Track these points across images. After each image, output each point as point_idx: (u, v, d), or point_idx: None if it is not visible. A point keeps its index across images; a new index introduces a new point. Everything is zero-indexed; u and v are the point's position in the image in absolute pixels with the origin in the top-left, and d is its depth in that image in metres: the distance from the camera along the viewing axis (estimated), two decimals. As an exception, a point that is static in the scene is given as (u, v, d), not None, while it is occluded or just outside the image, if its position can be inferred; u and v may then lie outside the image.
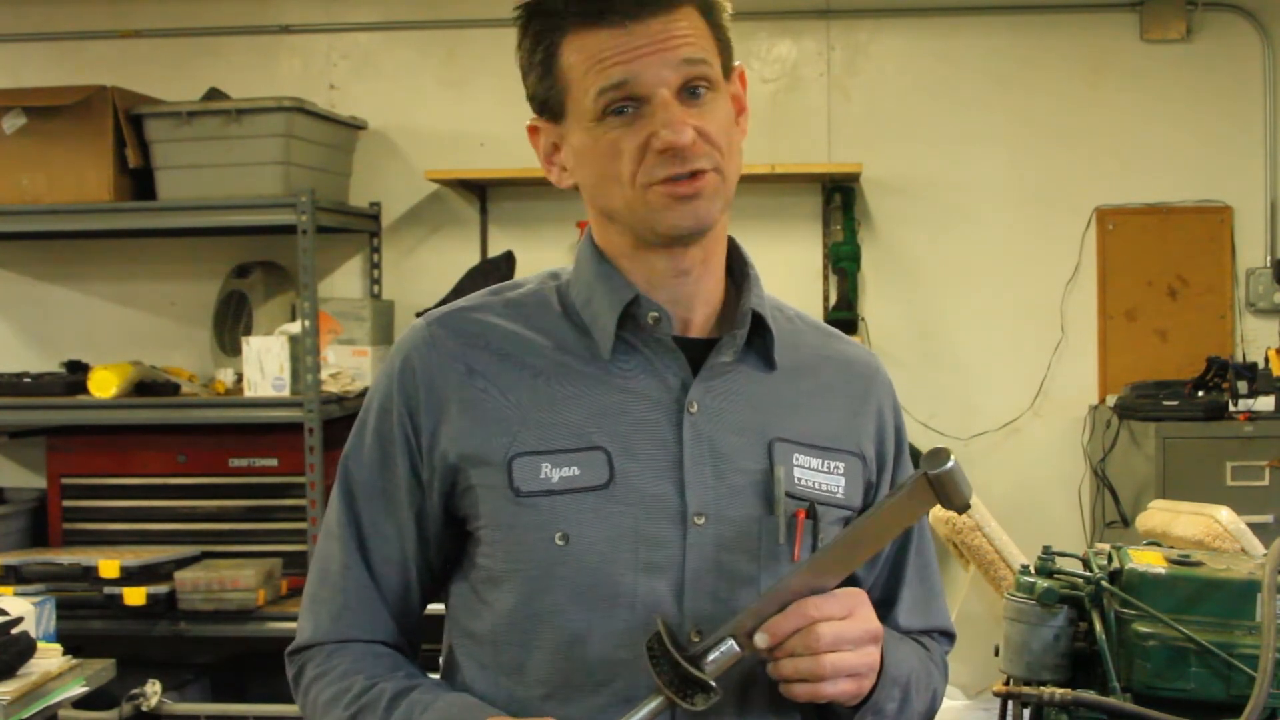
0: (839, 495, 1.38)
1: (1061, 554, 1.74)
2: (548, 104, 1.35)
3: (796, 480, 1.35)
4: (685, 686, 1.23)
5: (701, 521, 1.31)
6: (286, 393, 3.83)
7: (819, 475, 1.37)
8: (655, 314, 1.34)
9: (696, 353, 1.36)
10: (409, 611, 1.40)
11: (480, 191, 4.41)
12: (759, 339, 1.39)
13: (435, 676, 1.40)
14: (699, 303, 1.38)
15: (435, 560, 1.39)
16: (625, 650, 1.28)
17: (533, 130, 1.39)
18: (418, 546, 1.37)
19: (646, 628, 1.27)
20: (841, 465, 1.39)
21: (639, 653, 1.26)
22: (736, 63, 1.36)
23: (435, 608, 1.44)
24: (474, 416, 1.33)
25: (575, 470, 1.31)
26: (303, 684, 1.39)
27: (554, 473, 1.32)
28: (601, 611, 1.30)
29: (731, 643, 1.25)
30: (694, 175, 1.28)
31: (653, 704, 1.24)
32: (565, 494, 1.31)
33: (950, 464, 1.24)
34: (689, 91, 1.28)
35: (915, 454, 4.56)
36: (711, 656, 1.24)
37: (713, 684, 1.23)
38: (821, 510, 1.35)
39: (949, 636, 1.62)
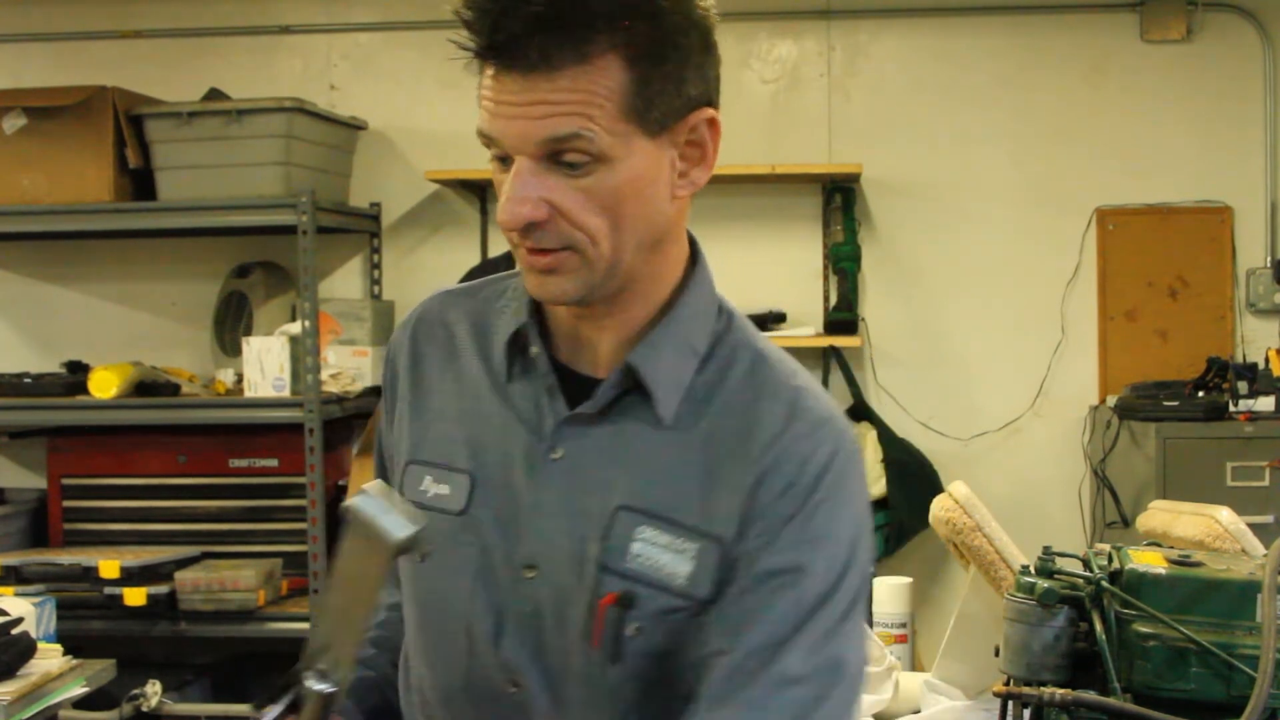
0: (679, 581, 1.19)
1: (1062, 554, 1.74)
2: None
3: (633, 555, 1.19)
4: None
5: (532, 575, 1.23)
6: (287, 393, 3.83)
7: (663, 555, 1.19)
8: (535, 348, 1.26)
9: (591, 392, 1.25)
10: None
11: (480, 191, 4.41)
12: (644, 393, 1.23)
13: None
14: (603, 343, 1.25)
15: None
16: (458, 679, 1.27)
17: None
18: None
19: (475, 660, 1.25)
20: (694, 548, 1.19)
21: (470, 684, 1.25)
22: (707, 109, 1.19)
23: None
24: (405, 411, 1.34)
25: (447, 490, 1.28)
26: None
27: (432, 487, 1.29)
28: (444, 636, 1.28)
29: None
30: (544, 250, 1.16)
31: None
32: (432, 511, 1.27)
33: (361, 498, 1.10)
34: (559, 161, 1.14)
35: (919, 458, 4.49)
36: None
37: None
38: (648, 595, 1.18)
39: None
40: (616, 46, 1.12)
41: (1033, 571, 1.66)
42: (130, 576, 3.77)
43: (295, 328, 3.88)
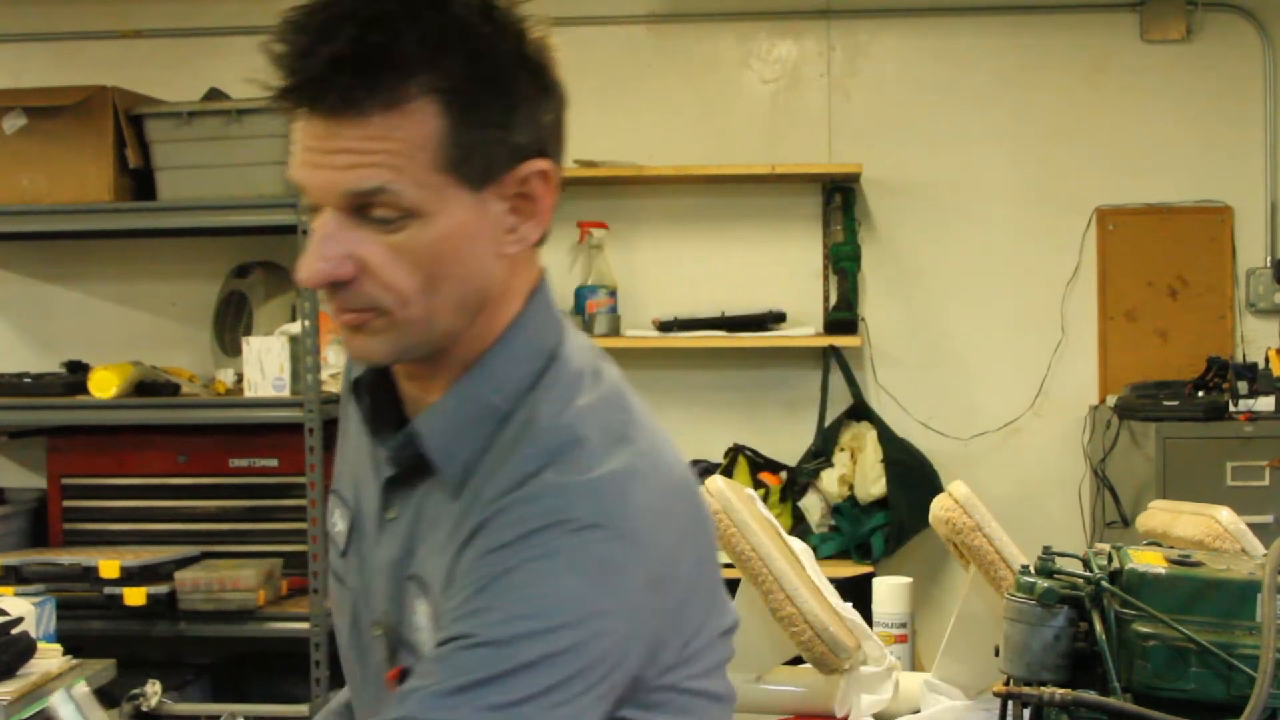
0: None
1: (1061, 554, 1.74)
2: None
3: (415, 629, 1.14)
4: None
5: (377, 634, 1.19)
6: (287, 393, 3.83)
7: (429, 630, 1.12)
8: (365, 402, 1.20)
9: None
10: None
11: (480, 191, 4.41)
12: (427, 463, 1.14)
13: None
14: (430, 398, 1.17)
15: None
16: (364, 712, 1.26)
17: None
18: None
19: (363, 708, 1.24)
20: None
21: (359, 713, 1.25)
22: (539, 161, 1.09)
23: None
24: (340, 433, 1.34)
25: (341, 527, 1.26)
26: None
27: (338, 521, 1.27)
28: (349, 669, 1.28)
29: None
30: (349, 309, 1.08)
31: None
32: (333, 544, 1.28)
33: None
34: (368, 216, 1.05)
35: (919, 458, 4.50)
36: None
37: None
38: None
39: None
40: (430, 91, 1.03)
41: (1033, 571, 1.66)
42: (130, 576, 3.77)
43: (295, 327, 3.88)
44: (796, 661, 2.01)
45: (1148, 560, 1.62)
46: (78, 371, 4.14)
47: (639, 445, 1.11)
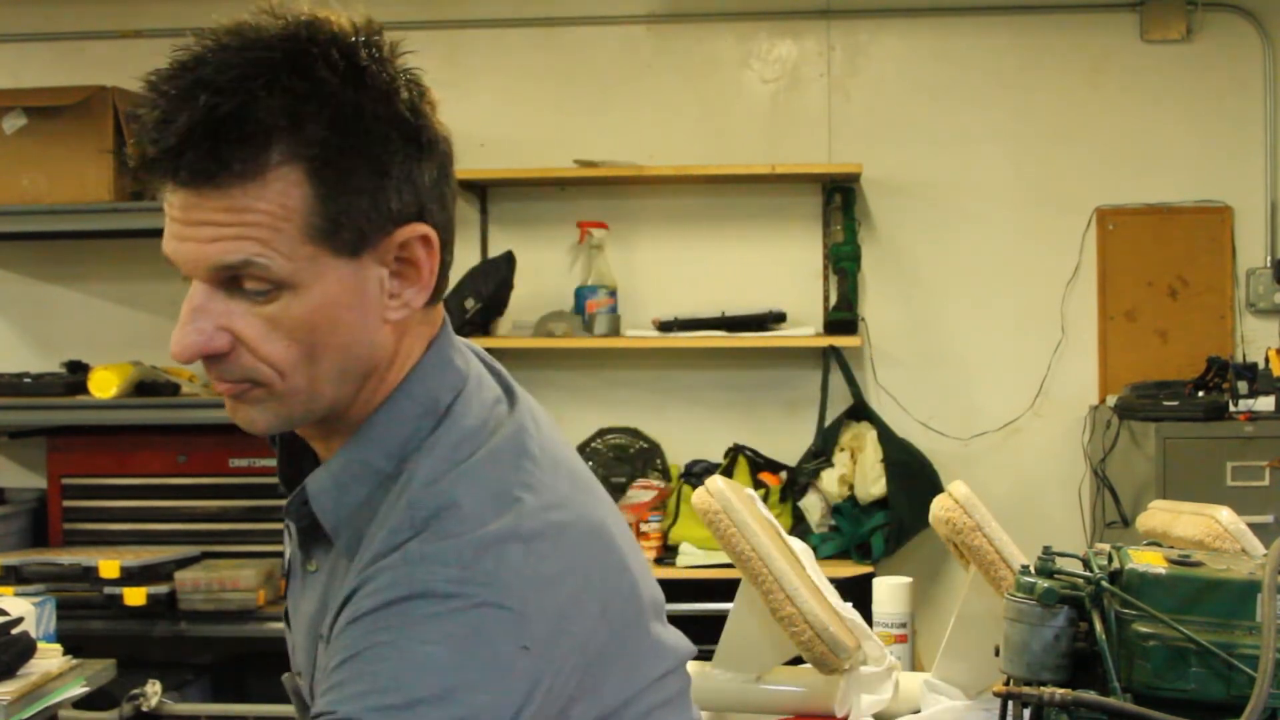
0: None
1: (1061, 554, 1.74)
2: None
3: (322, 689, 1.07)
4: None
5: (304, 681, 1.19)
6: (287, 393, 3.83)
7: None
8: (276, 453, 1.21)
9: None
10: None
11: (480, 191, 4.41)
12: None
13: None
14: (330, 454, 1.16)
15: None
16: None
17: None
18: None
19: None
20: None
21: None
22: (418, 225, 1.07)
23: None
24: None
25: (288, 553, 1.24)
26: None
27: (288, 545, 1.24)
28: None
29: None
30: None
31: None
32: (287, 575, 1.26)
33: None
34: (244, 290, 1.02)
35: (919, 458, 4.50)
36: None
37: None
38: None
39: None
40: (292, 159, 1.00)
41: (1033, 571, 1.66)
42: (130, 576, 3.77)
43: (295, 328, 3.88)
44: (797, 661, 2.01)
45: (1148, 560, 1.62)
46: (78, 371, 4.14)
47: (525, 504, 1.06)
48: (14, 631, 2.55)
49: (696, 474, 4.10)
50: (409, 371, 1.12)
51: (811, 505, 4.13)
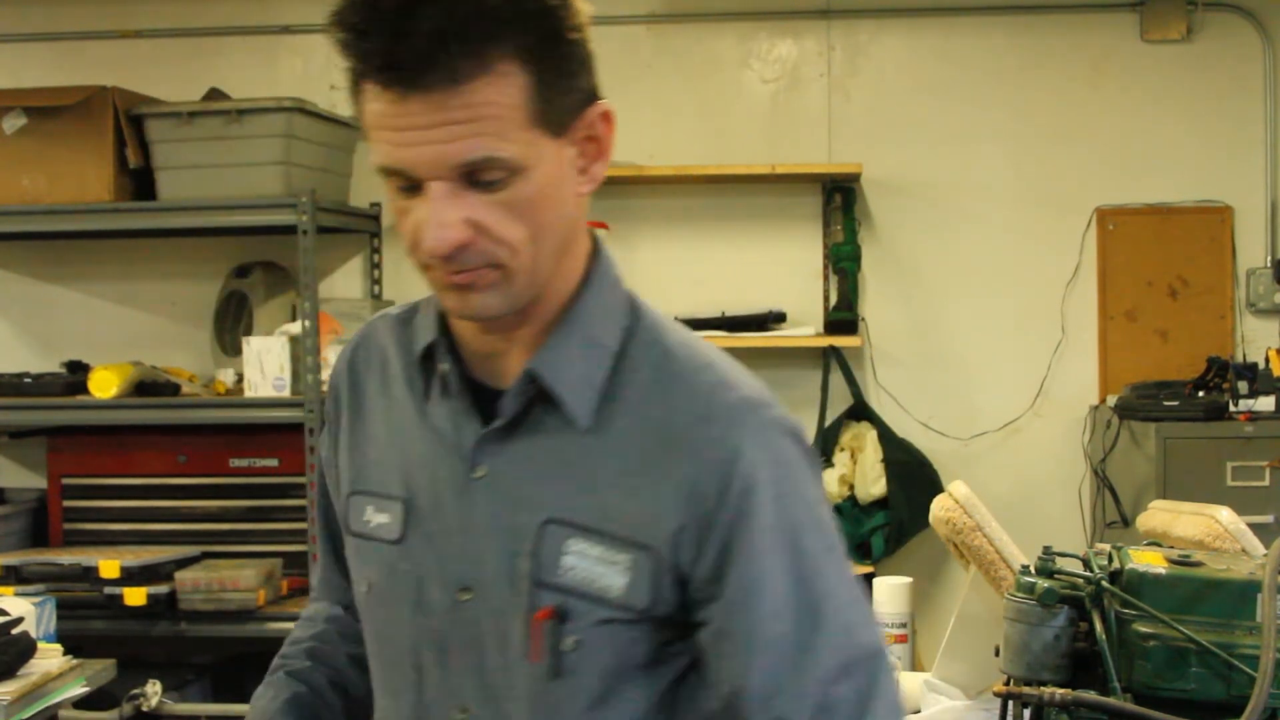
0: (614, 594, 1.15)
1: (1062, 554, 1.74)
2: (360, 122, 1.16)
3: (565, 569, 1.16)
4: None
5: (467, 598, 1.21)
6: (287, 393, 3.83)
7: (596, 566, 1.16)
8: (444, 365, 1.23)
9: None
10: None
11: (480, 191, 4.41)
12: (550, 400, 1.19)
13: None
14: (512, 354, 1.22)
15: None
16: (410, 710, 1.26)
17: None
18: None
19: (420, 692, 1.24)
20: (626, 558, 1.15)
21: (420, 715, 1.25)
22: (600, 103, 1.16)
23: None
24: (344, 439, 1.33)
25: (386, 518, 1.26)
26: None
27: (374, 517, 1.27)
28: (393, 666, 1.27)
29: None
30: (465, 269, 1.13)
31: None
32: (375, 541, 1.27)
33: None
34: (475, 181, 1.10)
35: (919, 458, 4.49)
36: None
37: None
38: (585, 608, 1.16)
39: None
40: (513, 51, 1.07)
41: (1033, 571, 1.66)
42: (130, 576, 3.77)
43: (295, 327, 3.88)
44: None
45: (1148, 560, 1.62)
46: (78, 371, 4.14)
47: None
48: (14, 631, 2.55)
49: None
50: (594, 254, 1.23)
51: (812, 505, 4.13)
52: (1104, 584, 1.61)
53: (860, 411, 4.27)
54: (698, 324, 4.16)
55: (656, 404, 1.17)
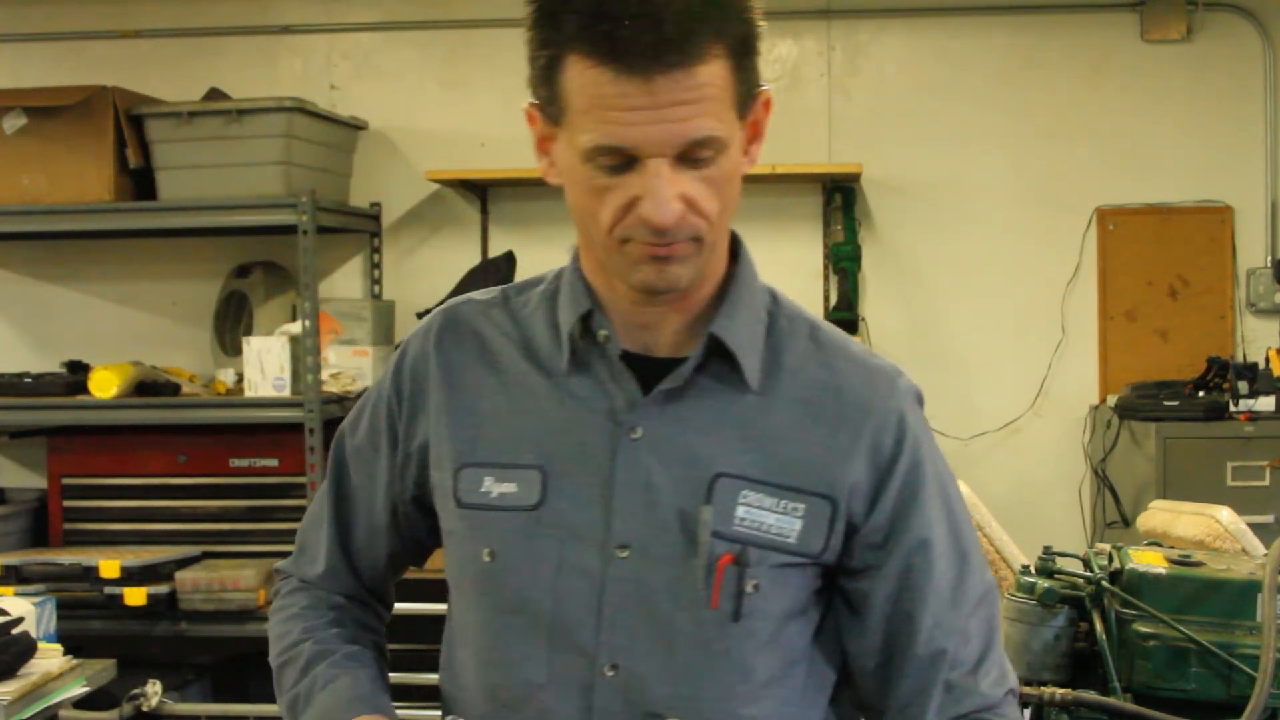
0: (789, 540, 1.24)
1: (1062, 554, 1.74)
2: (544, 104, 1.24)
3: (738, 520, 1.24)
4: None
5: (625, 554, 1.25)
6: (287, 393, 3.83)
7: (769, 516, 1.25)
8: (604, 332, 1.28)
9: (664, 373, 1.27)
10: (375, 577, 1.45)
11: (481, 191, 4.41)
12: (729, 361, 1.27)
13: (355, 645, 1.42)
14: (668, 324, 1.29)
15: (406, 543, 1.43)
16: (541, 674, 1.26)
17: (530, 114, 1.29)
18: (388, 529, 1.41)
19: (566, 654, 1.25)
20: (801, 507, 1.25)
21: (555, 678, 1.25)
22: (764, 86, 1.25)
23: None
24: (442, 416, 1.34)
25: (514, 487, 1.29)
26: (276, 601, 1.50)
27: (495, 487, 1.29)
28: (520, 632, 1.28)
29: None
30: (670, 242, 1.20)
31: None
32: (499, 510, 1.29)
33: None
34: (688, 158, 1.17)
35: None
36: None
37: None
38: (759, 554, 1.24)
39: (1016, 700, 1.33)
40: (722, 39, 1.16)
41: (1033, 571, 1.66)
42: (130, 576, 3.77)
43: (295, 327, 3.88)
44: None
45: (1148, 560, 1.62)
46: (78, 371, 4.14)
47: None
48: (14, 631, 2.55)
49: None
50: (738, 243, 1.35)
51: (812, 505, 4.13)
52: (1104, 584, 1.61)
53: (860, 411, 4.26)
54: (698, 324, 4.15)
55: (821, 369, 1.30)
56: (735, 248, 1.34)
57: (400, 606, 1.56)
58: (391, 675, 1.43)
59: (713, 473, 1.25)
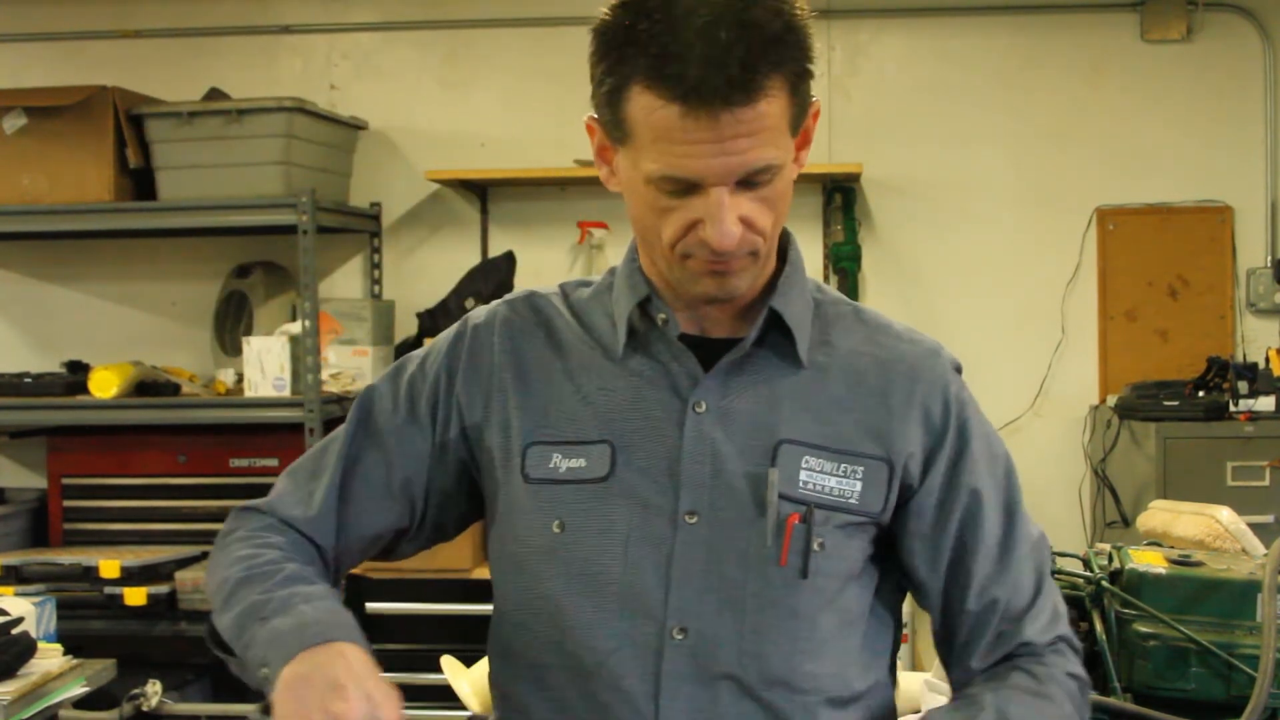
0: (852, 500, 1.34)
1: (1062, 554, 1.74)
2: (606, 124, 1.31)
3: (802, 483, 1.32)
4: None
5: (693, 520, 1.32)
6: (287, 393, 3.83)
7: (831, 479, 1.33)
8: (663, 315, 1.36)
9: (720, 352, 1.36)
10: (347, 549, 1.43)
11: (481, 191, 4.41)
12: (787, 338, 1.37)
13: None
14: (723, 308, 1.37)
15: (426, 520, 1.44)
16: (613, 640, 1.31)
17: (590, 126, 1.36)
18: (402, 501, 1.42)
19: (634, 620, 1.30)
20: (861, 469, 1.34)
21: (624, 643, 1.30)
22: (814, 102, 1.31)
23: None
24: (507, 397, 1.39)
25: (582, 462, 1.35)
26: (234, 534, 1.41)
27: (563, 463, 1.36)
28: (590, 600, 1.32)
29: None
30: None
31: None
32: (568, 484, 1.35)
33: None
34: (749, 183, 1.25)
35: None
36: None
37: None
38: (824, 515, 1.32)
39: (1070, 647, 1.40)
40: (781, 72, 1.22)
41: (1033, 571, 1.65)
42: (130, 576, 3.77)
43: (295, 327, 3.88)
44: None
45: (1148, 560, 1.62)
46: (78, 371, 4.14)
47: None
48: (14, 631, 2.55)
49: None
50: (787, 233, 1.41)
51: (812, 505, 4.13)
52: (1104, 584, 1.61)
53: (860, 411, 4.26)
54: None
55: (868, 344, 1.40)
56: (785, 241, 1.41)
57: (400, 606, 1.56)
58: (391, 675, 1.43)
59: (776, 439, 1.33)
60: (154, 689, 3.73)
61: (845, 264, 4.27)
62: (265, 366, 3.85)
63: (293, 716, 1.15)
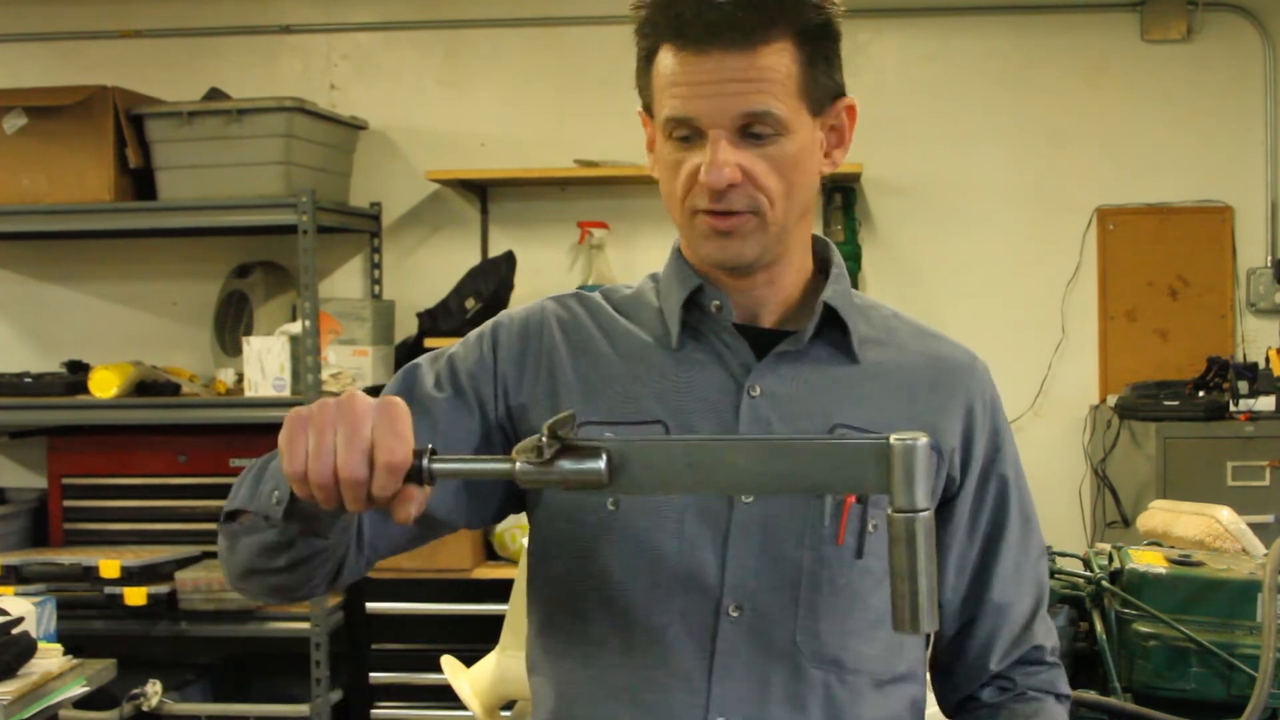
0: None
1: (1062, 554, 1.75)
2: (646, 101, 1.37)
3: None
4: None
5: (749, 499, 1.33)
6: (287, 393, 3.83)
7: None
8: (717, 302, 1.38)
9: (772, 343, 1.38)
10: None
11: (481, 191, 4.41)
12: (837, 332, 1.40)
13: None
14: (769, 299, 1.40)
15: (445, 500, 1.37)
16: (667, 617, 1.31)
17: (642, 117, 1.41)
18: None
19: (689, 596, 1.31)
20: None
21: (679, 620, 1.31)
22: (848, 97, 1.36)
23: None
24: (556, 380, 1.40)
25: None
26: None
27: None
28: (645, 578, 1.32)
29: None
30: (730, 213, 1.31)
31: None
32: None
33: None
34: (748, 134, 1.29)
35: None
36: None
37: None
38: (877, 497, 1.33)
39: (1051, 658, 1.46)
40: (787, 32, 1.27)
41: (1033, 571, 1.65)
42: (130, 576, 3.77)
43: (295, 327, 3.88)
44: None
45: (1148, 560, 1.62)
46: (78, 371, 4.14)
47: None
48: (14, 631, 2.55)
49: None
50: (829, 245, 1.47)
51: (812, 505, 4.13)
52: (1104, 584, 1.61)
53: (860, 411, 4.27)
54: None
55: (916, 341, 1.48)
56: (826, 249, 1.46)
57: (400, 606, 1.55)
58: (391, 675, 1.42)
59: (831, 423, 1.36)
60: (154, 689, 3.73)
61: (845, 264, 4.26)
62: (265, 366, 3.85)
63: (294, 424, 1.15)
